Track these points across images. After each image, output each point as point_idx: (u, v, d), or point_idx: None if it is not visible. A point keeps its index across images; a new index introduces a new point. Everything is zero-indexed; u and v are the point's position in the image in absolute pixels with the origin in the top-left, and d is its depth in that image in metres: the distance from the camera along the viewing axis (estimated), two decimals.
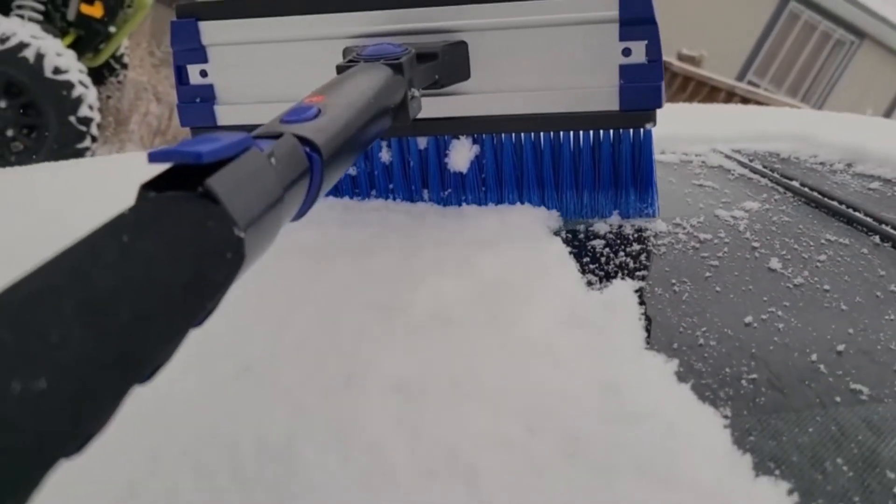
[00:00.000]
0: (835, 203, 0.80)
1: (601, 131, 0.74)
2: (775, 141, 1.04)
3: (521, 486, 0.42)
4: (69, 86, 4.11)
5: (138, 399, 0.29)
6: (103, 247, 0.30)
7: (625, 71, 0.70)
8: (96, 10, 4.82)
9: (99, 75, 5.35)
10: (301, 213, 0.47)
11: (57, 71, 4.09)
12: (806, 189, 0.85)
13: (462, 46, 0.73)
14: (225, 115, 0.82)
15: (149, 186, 0.36)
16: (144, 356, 0.29)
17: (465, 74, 0.74)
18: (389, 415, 0.48)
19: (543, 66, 0.73)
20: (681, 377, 0.50)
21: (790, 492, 0.41)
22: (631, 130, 0.74)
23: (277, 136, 0.45)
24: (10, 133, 4.27)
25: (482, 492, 0.42)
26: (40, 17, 4.46)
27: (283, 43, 0.78)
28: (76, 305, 0.27)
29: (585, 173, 0.76)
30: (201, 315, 0.33)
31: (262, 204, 0.39)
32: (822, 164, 0.95)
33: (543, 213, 0.78)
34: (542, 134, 0.75)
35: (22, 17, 4.35)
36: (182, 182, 0.36)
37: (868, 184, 0.87)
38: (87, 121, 4.27)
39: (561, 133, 0.75)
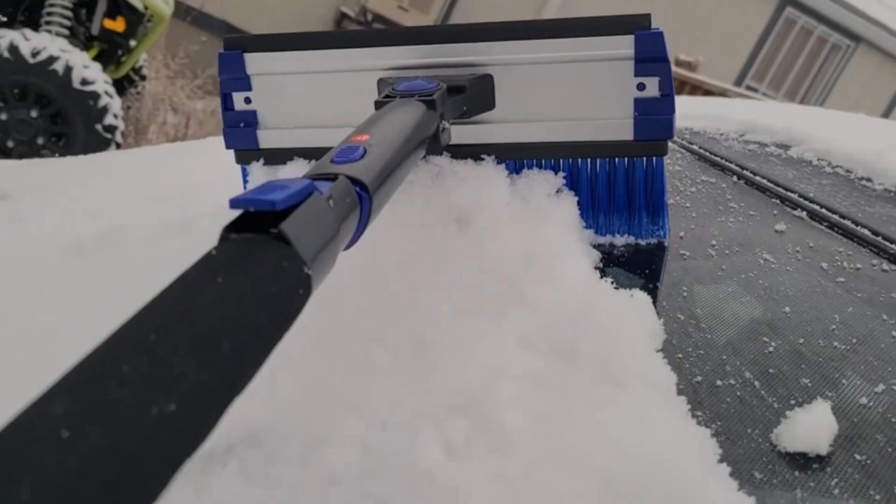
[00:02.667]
0: (717, 158, 1.08)
1: (616, 159, 0.78)
2: (695, 119, 1.32)
3: None
4: (95, 96, 4.36)
5: None
6: (202, 288, 0.36)
7: (639, 104, 0.73)
8: (118, 25, 5.03)
9: (120, 87, 5.55)
10: (352, 243, 0.52)
11: (84, 82, 4.34)
12: (700, 150, 1.13)
13: (488, 79, 0.76)
14: (266, 139, 0.86)
15: (230, 228, 0.41)
16: (242, 380, 0.34)
17: (490, 105, 0.77)
18: None
19: (563, 98, 0.76)
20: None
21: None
22: (644, 158, 0.77)
23: (333, 177, 0.51)
24: (40, 141, 4.45)
25: None
26: (67, 32, 4.69)
27: (321, 74, 0.81)
28: (190, 343, 0.32)
29: (601, 197, 0.79)
30: (278, 343, 0.38)
31: (323, 241, 0.44)
32: (721, 134, 1.23)
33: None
34: (561, 161, 0.78)
35: (50, 31, 4.58)
36: (257, 225, 0.41)
37: (747, 146, 1.15)
38: (112, 129, 4.46)
39: (579, 160, 0.78)
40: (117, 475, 0.27)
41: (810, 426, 0.51)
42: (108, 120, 4.47)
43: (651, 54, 0.71)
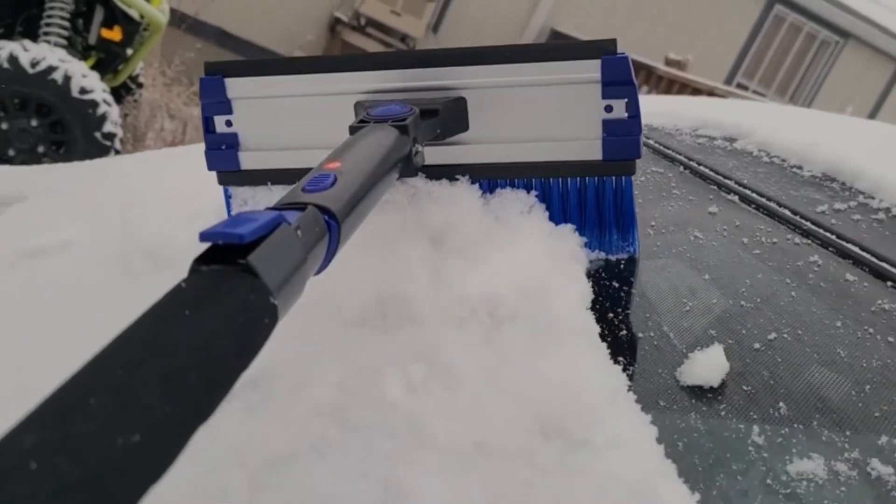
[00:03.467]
0: (668, 151, 1.20)
1: (587, 178, 0.80)
2: (656, 117, 1.43)
3: None
4: (94, 104, 4.45)
5: None
6: (171, 321, 0.37)
7: (607, 125, 0.76)
8: (115, 34, 5.12)
9: (117, 95, 5.61)
10: (321, 269, 0.54)
11: (83, 91, 4.43)
12: (655, 144, 1.25)
13: (461, 102, 0.78)
14: (247, 160, 0.87)
15: (199, 260, 0.43)
16: (207, 409, 0.35)
17: (464, 127, 0.79)
18: None
19: (534, 119, 0.78)
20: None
21: None
22: (613, 178, 0.79)
23: (302, 207, 0.52)
24: (40, 149, 4.51)
25: None
26: (65, 42, 4.77)
27: (300, 97, 0.83)
28: (157, 377, 0.34)
29: (573, 215, 0.81)
30: (244, 371, 0.40)
31: (290, 271, 0.46)
32: (677, 129, 1.34)
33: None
34: (533, 180, 0.81)
35: (49, 42, 4.67)
36: (227, 256, 0.43)
37: (697, 140, 1.26)
38: (111, 136, 4.53)
39: (550, 179, 0.80)
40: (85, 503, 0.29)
41: (705, 365, 0.62)
42: (107, 127, 4.53)
43: (617, 77, 0.74)
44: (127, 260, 0.86)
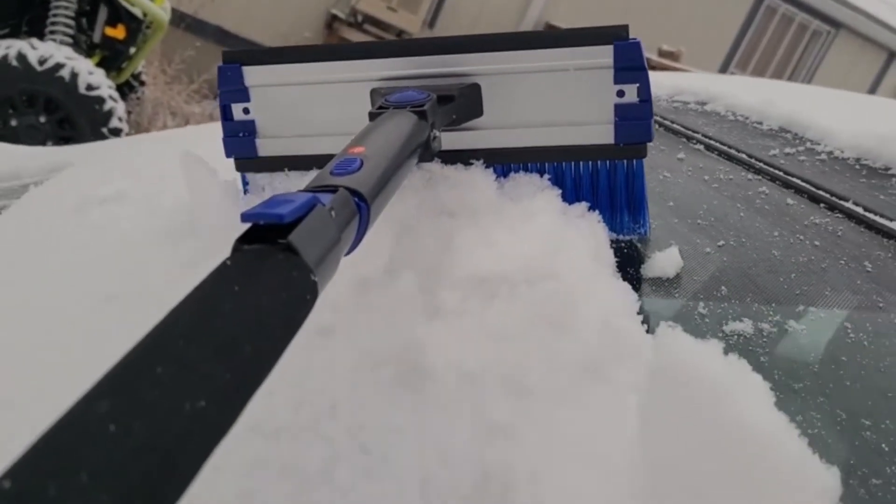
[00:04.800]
0: None
1: (599, 162, 0.81)
2: None
3: None
4: (100, 101, 4.58)
5: None
6: (222, 297, 0.40)
7: (619, 109, 0.77)
8: (119, 33, 5.22)
9: (121, 92, 5.64)
10: (353, 248, 0.56)
11: (89, 88, 4.55)
12: None
13: (476, 88, 0.79)
14: (265, 147, 0.89)
15: (242, 240, 0.45)
16: (260, 378, 0.38)
17: (478, 112, 0.80)
18: None
19: (547, 105, 0.79)
20: None
21: None
22: (625, 161, 0.80)
23: (333, 189, 0.54)
24: (48, 145, 4.61)
25: None
26: (70, 41, 4.88)
27: (316, 85, 0.84)
28: (213, 348, 0.36)
29: (585, 197, 0.81)
30: (290, 342, 0.41)
31: (327, 249, 0.48)
32: (656, 97, 1.48)
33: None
34: (546, 164, 0.82)
35: (55, 40, 4.78)
36: (266, 236, 0.44)
37: (672, 104, 1.41)
38: (117, 132, 4.62)
39: (563, 163, 0.81)
40: (157, 465, 0.31)
41: (664, 261, 0.76)
42: (113, 123, 4.63)
43: (629, 63, 0.75)
44: (176, 208, 0.99)
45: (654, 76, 1.78)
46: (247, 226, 0.46)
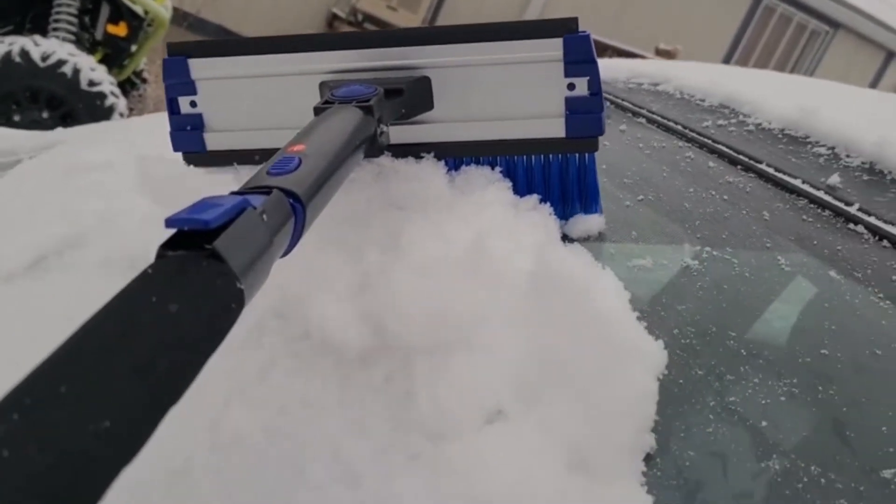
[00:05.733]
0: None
1: (550, 155, 0.81)
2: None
3: None
4: (102, 96, 4.66)
5: None
6: (139, 308, 0.38)
7: (570, 103, 0.76)
8: (121, 30, 5.33)
9: (122, 90, 5.72)
10: (287, 252, 0.54)
11: (91, 83, 4.64)
12: None
13: (426, 81, 0.78)
14: (213, 141, 0.87)
15: (165, 246, 0.43)
16: (176, 394, 0.36)
17: (428, 106, 0.79)
18: None
19: (498, 98, 0.78)
20: None
21: None
22: (576, 154, 0.81)
23: (267, 190, 0.52)
24: None
25: None
26: (73, 38, 4.98)
27: (264, 78, 0.83)
28: (127, 364, 0.35)
29: (537, 190, 0.82)
30: (212, 354, 0.40)
31: (256, 255, 0.46)
32: (614, 79, 1.57)
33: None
34: (498, 157, 0.82)
35: (57, 37, 4.89)
36: (192, 242, 0.43)
37: (628, 85, 1.50)
38: None
39: (515, 157, 0.81)
40: (57, 490, 0.29)
41: (587, 221, 0.84)
42: (115, 118, 4.72)
43: (579, 56, 0.74)
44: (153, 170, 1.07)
45: (614, 62, 1.87)
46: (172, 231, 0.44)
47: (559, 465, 0.53)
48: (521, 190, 0.82)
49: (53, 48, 4.61)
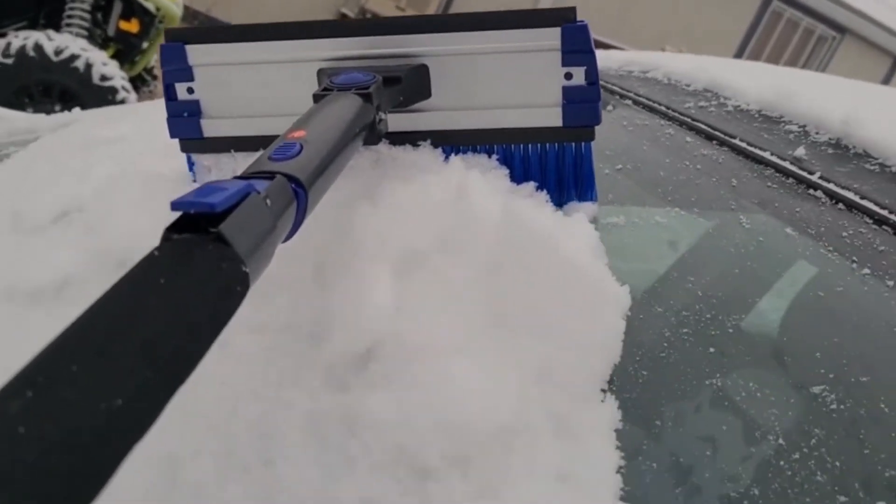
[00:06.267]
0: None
1: (547, 144, 0.81)
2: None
3: None
4: (114, 91, 4.75)
5: None
6: (147, 289, 0.39)
7: (567, 92, 0.77)
8: (133, 26, 5.42)
9: (133, 86, 5.83)
10: (291, 235, 0.55)
11: (103, 78, 4.73)
12: None
13: (424, 69, 0.78)
14: (210, 128, 0.87)
15: (171, 229, 0.44)
16: (183, 374, 0.37)
17: (426, 94, 0.79)
18: None
19: (496, 86, 0.78)
20: None
21: None
22: (573, 143, 0.81)
23: (270, 175, 0.53)
24: None
25: None
26: (86, 34, 5.08)
27: (261, 65, 0.83)
28: (136, 344, 0.36)
29: (534, 177, 0.82)
30: (217, 336, 0.41)
31: (260, 239, 0.47)
32: (607, 68, 1.64)
33: None
34: (495, 145, 0.81)
35: (71, 32, 4.99)
36: (198, 225, 0.43)
37: (619, 73, 1.57)
38: None
39: (511, 145, 0.81)
40: (70, 466, 0.30)
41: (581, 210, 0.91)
42: None
43: (577, 46, 0.74)
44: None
45: (609, 52, 1.94)
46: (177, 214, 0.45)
47: (528, 380, 0.60)
48: (517, 177, 0.82)
49: (67, 43, 4.71)
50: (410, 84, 0.77)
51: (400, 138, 0.82)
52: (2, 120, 1.60)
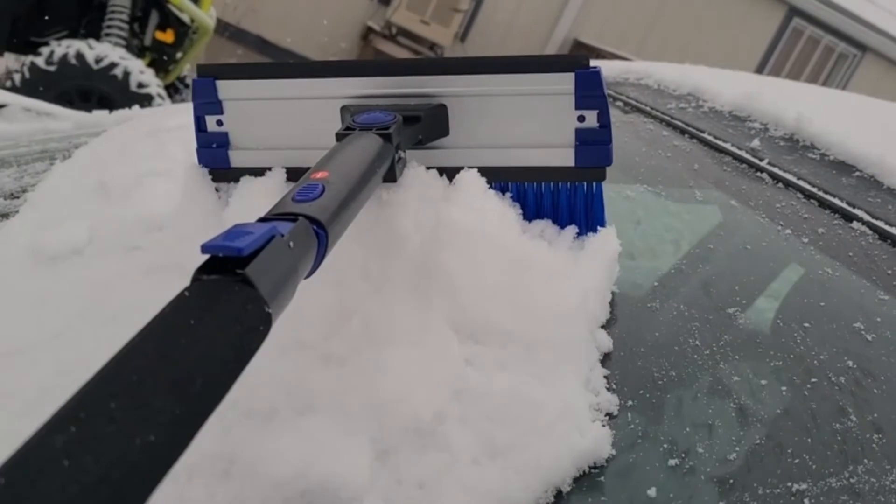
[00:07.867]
0: None
1: (559, 183, 0.83)
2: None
3: None
4: (150, 98, 4.98)
5: None
6: (177, 330, 0.41)
7: (579, 134, 0.79)
8: (168, 37, 5.68)
9: (167, 94, 6.14)
10: (311, 273, 0.57)
11: (140, 86, 4.97)
12: None
13: (442, 108, 0.80)
14: (237, 158, 0.90)
15: (201, 270, 0.47)
16: (209, 409, 0.40)
17: (444, 132, 0.82)
18: None
19: (511, 127, 0.81)
20: None
21: None
22: (584, 183, 0.83)
23: (293, 218, 0.56)
24: None
25: None
26: (124, 43, 5.32)
27: (287, 100, 0.86)
28: (168, 382, 0.38)
29: (546, 215, 0.84)
30: (241, 372, 0.44)
31: (283, 280, 0.50)
32: (607, 76, 1.83)
33: None
34: (509, 183, 0.83)
35: (110, 42, 5.24)
36: (226, 267, 0.47)
37: (615, 80, 1.75)
38: None
39: (525, 183, 0.83)
40: (108, 497, 0.32)
41: None
42: None
43: (590, 90, 0.77)
44: None
45: (607, 63, 2.12)
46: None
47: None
48: (530, 214, 0.85)
49: (106, 52, 4.97)
50: (430, 122, 0.80)
51: None
52: (70, 117, 1.82)
